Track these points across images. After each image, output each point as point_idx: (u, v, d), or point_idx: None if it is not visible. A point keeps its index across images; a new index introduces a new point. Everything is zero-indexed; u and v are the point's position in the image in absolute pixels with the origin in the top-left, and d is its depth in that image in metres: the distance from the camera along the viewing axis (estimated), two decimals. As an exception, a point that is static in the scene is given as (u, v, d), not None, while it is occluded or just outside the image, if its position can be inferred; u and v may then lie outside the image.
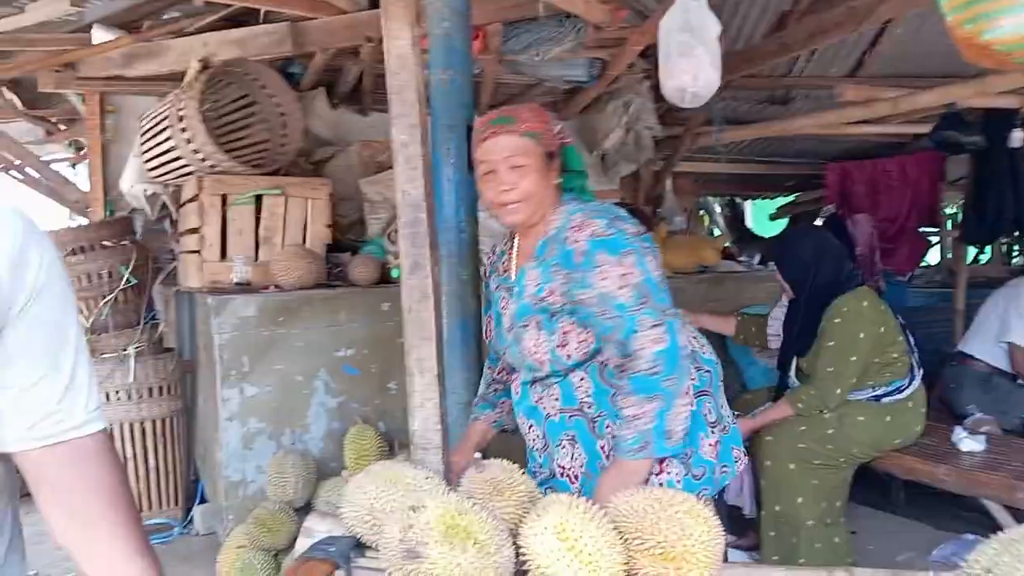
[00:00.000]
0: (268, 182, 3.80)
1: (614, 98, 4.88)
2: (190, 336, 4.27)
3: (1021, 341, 3.98)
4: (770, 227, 8.78)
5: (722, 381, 2.15)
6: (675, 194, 6.13)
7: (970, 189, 5.29)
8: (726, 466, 2.00)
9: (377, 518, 1.55)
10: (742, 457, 2.08)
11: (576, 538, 1.41)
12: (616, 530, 1.47)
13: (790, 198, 8.23)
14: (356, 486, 1.65)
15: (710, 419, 2.00)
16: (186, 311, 4.33)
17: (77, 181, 4.99)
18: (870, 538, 3.66)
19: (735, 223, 8.52)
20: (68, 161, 5.30)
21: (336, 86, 4.71)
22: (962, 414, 3.87)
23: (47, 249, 1.08)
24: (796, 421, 3.11)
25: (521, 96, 4.97)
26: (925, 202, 6.11)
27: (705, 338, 2.23)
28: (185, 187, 3.96)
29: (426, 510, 1.43)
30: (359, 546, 1.63)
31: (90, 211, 4.50)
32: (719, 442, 1.99)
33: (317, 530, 1.73)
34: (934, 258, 7.95)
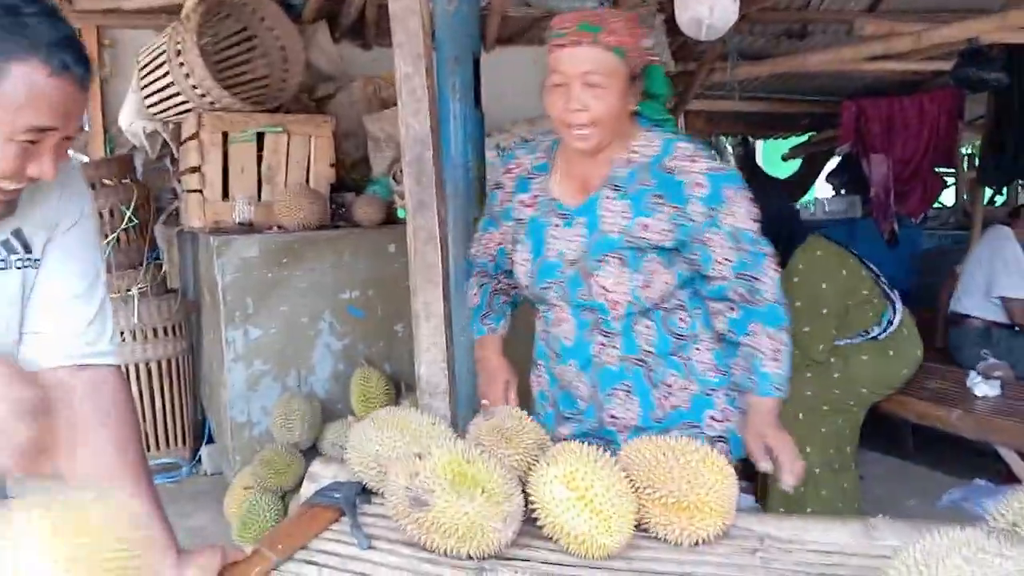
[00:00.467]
0: (269, 119, 3.72)
1: (625, 32, 4.71)
2: (193, 277, 4.22)
3: (1012, 292, 4.00)
4: (782, 167, 8.64)
5: None
6: (687, 132, 5.99)
7: (988, 129, 5.16)
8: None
9: (383, 465, 1.51)
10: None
11: (587, 487, 1.37)
12: (627, 479, 1.43)
13: (803, 138, 8.06)
14: (361, 432, 1.61)
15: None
16: (189, 251, 4.28)
17: (76, 118, 4.88)
18: (878, 483, 3.64)
19: (747, 163, 8.38)
20: (66, 97, 5.18)
21: (338, 18, 4.57)
22: (972, 368, 3.85)
23: (86, 183, 1.27)
24: (801, 370, 3.05)
25: (531, 30, 4.82)
26: (942, 142, 5.96)
27: None
28: (185, 124, 3.88)
29: (432, 457, 1.39)
30: (365, 492, 1.60)
31: (89, 149, 4.42)
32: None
33: (322, 475, 1.70)
34: (949, 199, 7.83)
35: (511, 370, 1.93)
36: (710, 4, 2.85)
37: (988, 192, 6.60)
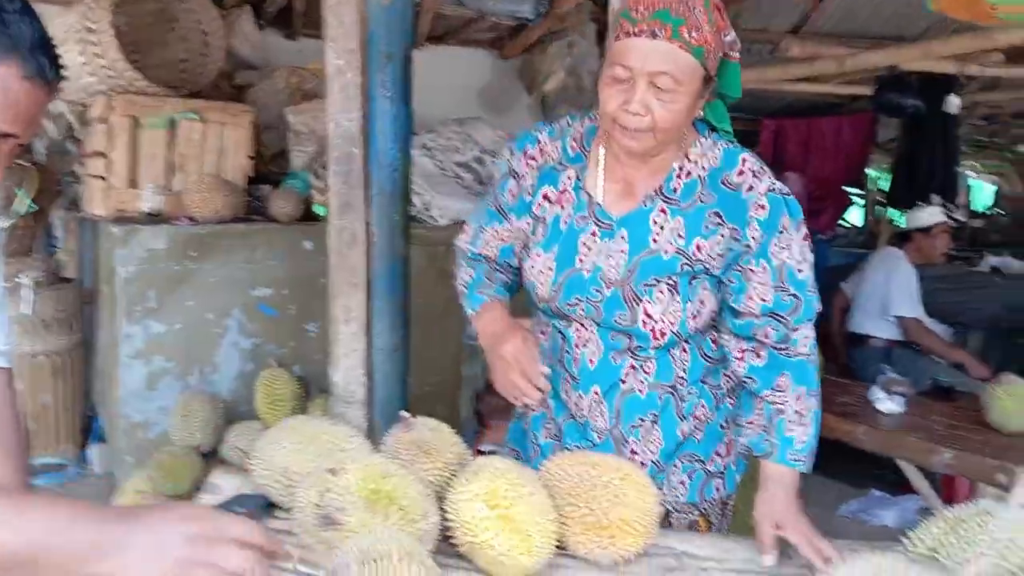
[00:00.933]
0: (185, 105, 3.55)
1: (558, 39, 4.71)
2: (91, 266, 4.00)
3: (907, 312, 4.24)
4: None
5: None
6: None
7: (901, 152, 5.36)
8: None
9: (291, 478, 1.42)
10: None
11: (507, 506, 1.32)
12: (549, 497, 1.39)
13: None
14: (270, 441, 1.52)
15: None
16: (89, 240, 4.05)
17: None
18: (782, 494, 3.70)
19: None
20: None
21: (264, 5, 4.43)
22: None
23: None
24: None
25: (463, 30, 4.76)
26: (855, 163, 6.19)
27: None
28: (93, 106, 3.66)
29: (347, 473, 1.31)
30: (269, 506, 1.51)
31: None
32: None
33: (223, 486, 1.61)
34: (856, 219, 8.11)
35: (526, 328, 1.62)
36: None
37: (894, 213, 6.86)
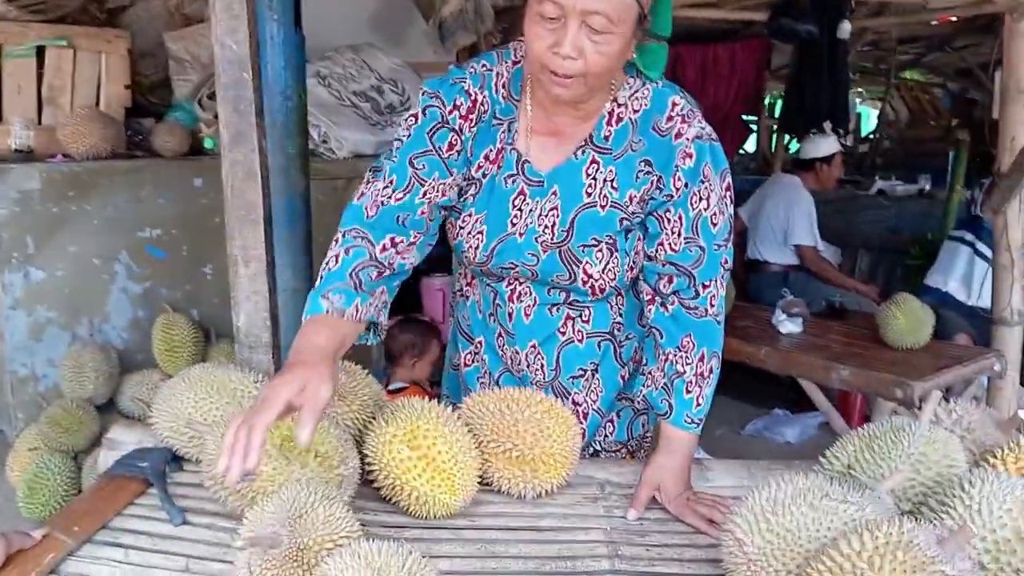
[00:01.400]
0: (52, 31, 3.29)
1: (452, -40, 4.53)
2: (-40, 210, 3.70)
3: (806, 241, 4.45)
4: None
5: None
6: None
7: (792, 79, 5.44)
8: None
9: (197, 430, 1.34)
10: None
11: (429, 445, 1.30)
12: (470, 433, 1.37)
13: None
14: (171, 391, 1.43)
15: None
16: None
17: None
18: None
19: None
20: None
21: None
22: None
23: None
24: None
25: (349, -49, 4.51)
26: (750, 90, 6.27)
27: None
28: (-55, 33, 3.33)
29: (257, 420, 1.24)
30: (175, 459, 1.43)
31: None
32: None
33: (124, 441, 1.51)
34: (751, 146, 8.29)
35: (329, 381, 1.13)
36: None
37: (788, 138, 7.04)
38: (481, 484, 1.35)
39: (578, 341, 1.59)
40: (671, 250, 1.43)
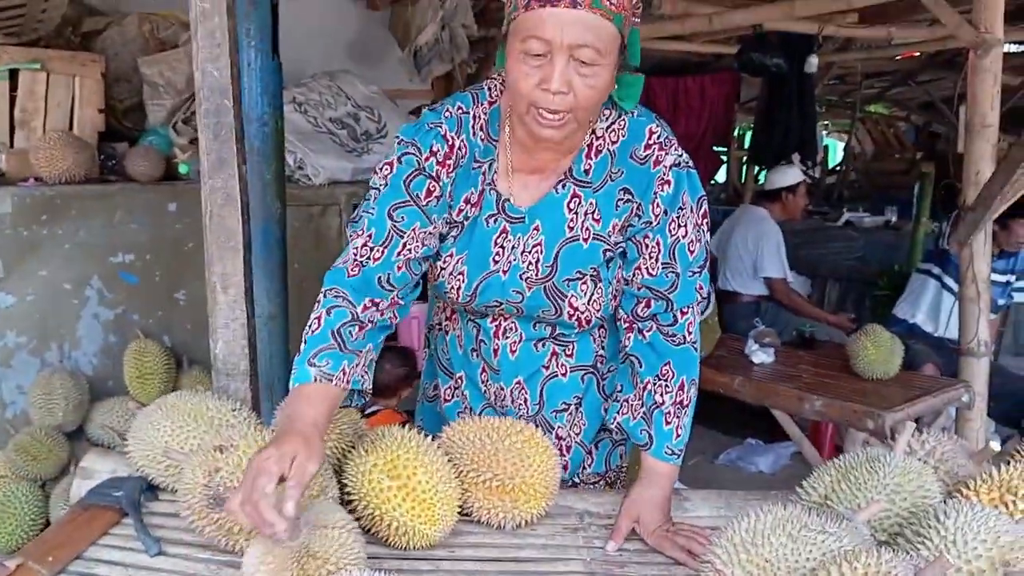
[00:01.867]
0: (25, 54, 3.25)
1: (429, -9, 4.58)
2: (-74, 233, 3.63)
3: (775, 274, 4.51)
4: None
5: None
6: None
7: (761, 111, 5.56)
8: None
9: (174, 458, 1.33)
10: None
11: (409, 475, 1.29)
12: (450, 463, 1.36)
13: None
14: (147, 420, 1.42)
15: None
16: (-80, 203, 3.66)
17: None
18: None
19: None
20: None
21: (109, -54, 4.05)
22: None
23: None
24: None
25: (327, -20, 4.55)
26: (720, 122, 6.40)
27: None
28: (-86, 53, 3.29)
29: (236, 450, 1.24)
30: (150, 488, 1.41)
31: None
32: None
33: (98, 470, 1.49)
34: (721, 176, 8.40)
35: (317, 456, 1.12)
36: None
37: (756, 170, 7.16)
38: (461, 514, 1.35)
39: (562, 375, 1.59)
40: (648, 274, 1.44)
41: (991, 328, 3.59)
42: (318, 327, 1.30)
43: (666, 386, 1.44)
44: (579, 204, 1.43)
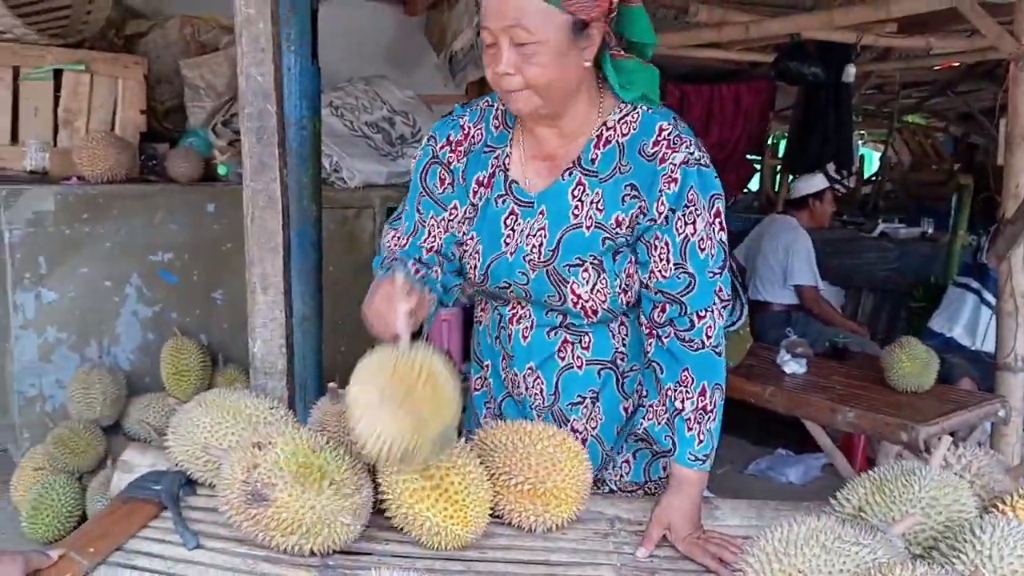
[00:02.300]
0: (69, 55, 3.32)
1: (465, -4, 4.61)
2: (-27, 230, 3.72)
3: (806, 282, 4.44)
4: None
5: None
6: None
7: (797, 120, 5.52)
8: None
9: (213, 455, 1.35)
10: None
11: (442, 476, 1.30)
12: (483, 466, 1.37)
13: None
14: (187, 417, 1.44)
15: None
16: (-33, 200, 3.76)
17: None
18: (690, 453, 3.81)
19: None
20: None
21: (152, -49, 4.13)
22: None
23: None
24: None
25: (364, -16, 4.60)
26: (754, 130, 6.35)
27: None
28: (-34, 54, 3.38)
29: (274, 448, 1.26)
30: (188, 483, 1.44)
31: None
32: None
33: (137, 464, 1.52)
34: (754, 184, 8.35)
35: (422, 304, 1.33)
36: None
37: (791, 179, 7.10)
38: (492, 516, 1.36)
39: (577, 368, 1.58)
40: (661, 277, 1.43)
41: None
42: (390, 264, 1.44)
43: (686, 392, 1.42)
44: (584, 192, 1.46)
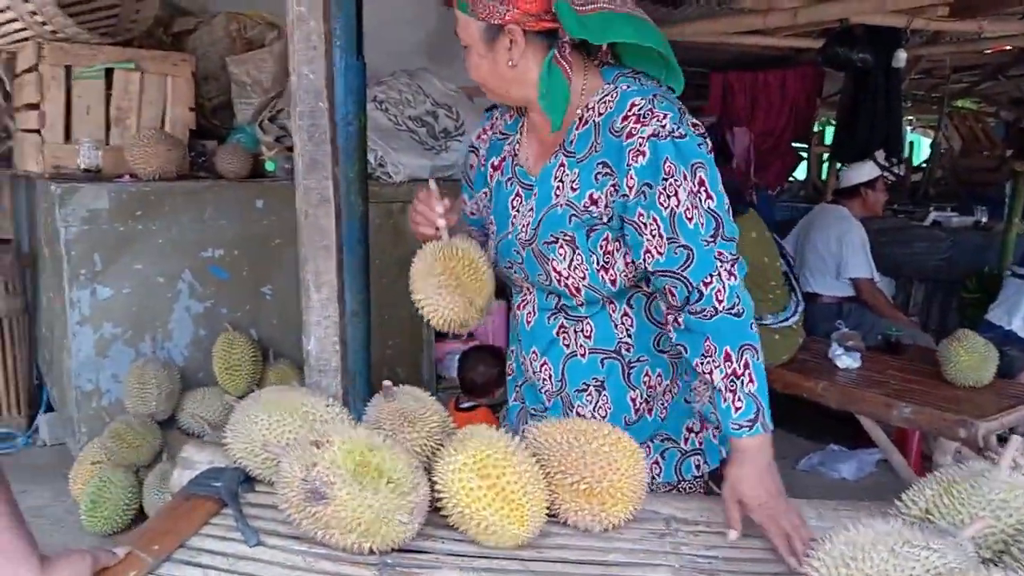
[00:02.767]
0: (120, 54, 3.37)
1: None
2: (28, 227, 3.80)
3: (862, 274, 4.28)
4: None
5: None
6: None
7: (845, 106, 5.40)
8: None
9: (272, 452, 1.37)
10: None
11: (499, 475, 1.30)
12: (538, 465, 1.37)
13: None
14: (246, 414, 1.45)
15: None
16: (24, 198, 3.84)
17: None
18: (740, 446, 3.77)
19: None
20: None
21: (198, -51, 4.18)
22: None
23: None
24: None
25: (407, -22, 4.60)
26: (801, 118, 6.23)
27: None
28: (21, 55, 3.45)
29: (332, 446, 1.27)
30: (247, 480, 1.46)
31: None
32: None
33: (197, 461, 1.54)
34: (800, 173, 8.21)
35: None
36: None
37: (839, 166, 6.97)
38: (548, 516, 1.35)
39: (581, 355, 1.61)
40: (657, 254, 1.42)
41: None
42: None
43: (713, 361, 1.39)
44: (564, 173, 1.52)
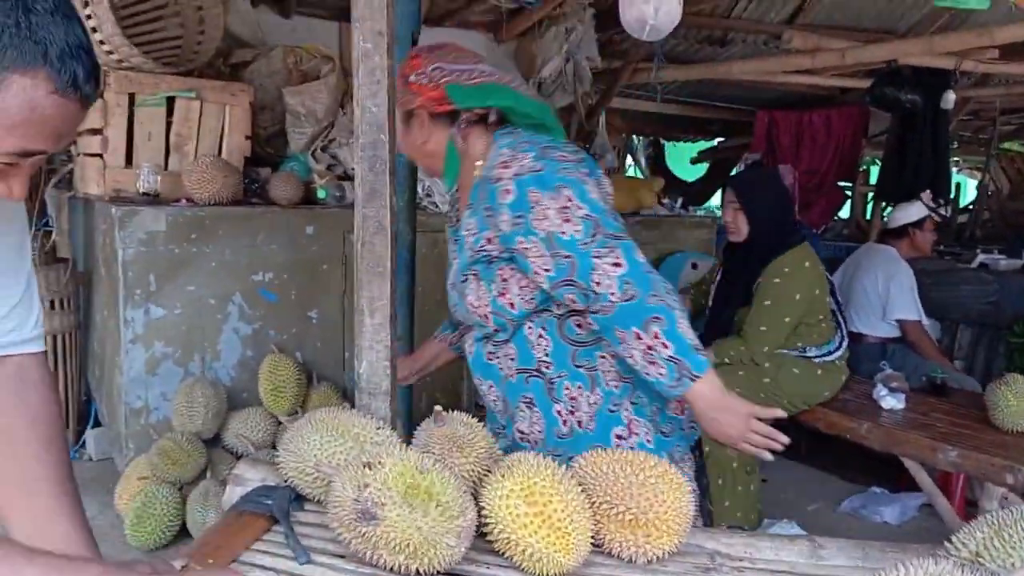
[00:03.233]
0: (181, 83, 3.48)
1: (556, 23, 4.67)
2: (86, 247, 3.92)
3: (910, 316, 4.17)
4: (689, 170, 8.80)
5: None
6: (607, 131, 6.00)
7: (891, 147, 5.38)
8: (693, 424, 1.89)
9: (323, 472, 1.40)
10: None
11: (545, 502, 1.31)
12: (584, 494, 1.38)
13: (712, 143, 8.23)
14: (299, 434, 1.49)
15: None
16: (82, 220, 3.97)
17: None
18: (782, 487, 3.74)
19: (656, 165, 8.49)
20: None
21: (257, -17, 4.33)
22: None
23: None
24: (735, 367, 3.11)
25: (460, 12, 4.71)
26: (846, 157, 6.20)
27: None
28: (86, 82, 3.57)
29: (383, 467, 1.29)
30: (298, 498, 1.49)
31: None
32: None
33: (249, 478, 1.57)
34: (844, 212, 8.15)
35: (435, 356, 2.15)
36: (655, 4, 2.81)
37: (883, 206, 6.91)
38: (592, 545, 1.36)
39: (511, 377, 1.80)
40: (545, 271, 1.61)
41: None
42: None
43: (630, 345, 1.57)
44: (468, 223, 1.76)
